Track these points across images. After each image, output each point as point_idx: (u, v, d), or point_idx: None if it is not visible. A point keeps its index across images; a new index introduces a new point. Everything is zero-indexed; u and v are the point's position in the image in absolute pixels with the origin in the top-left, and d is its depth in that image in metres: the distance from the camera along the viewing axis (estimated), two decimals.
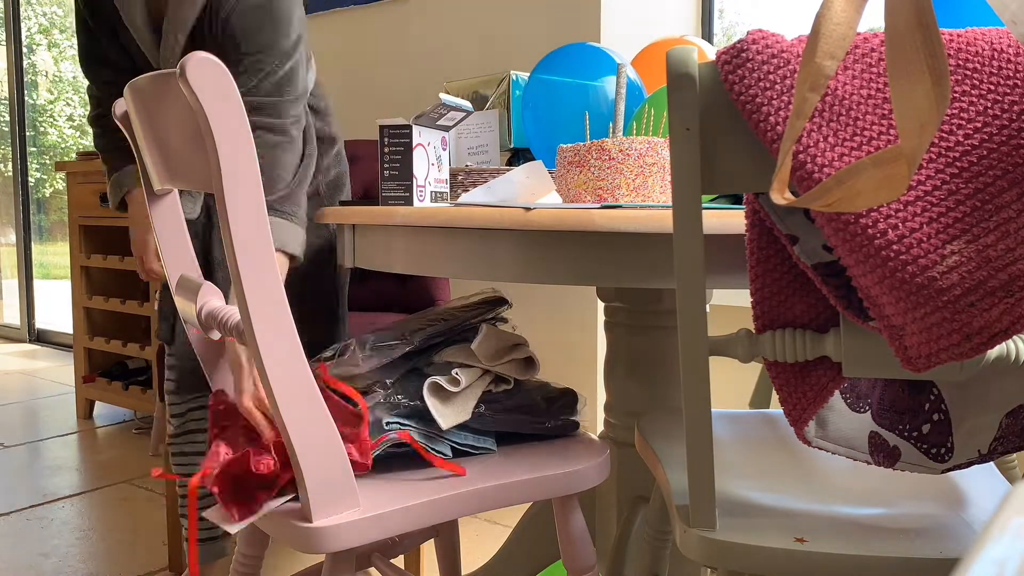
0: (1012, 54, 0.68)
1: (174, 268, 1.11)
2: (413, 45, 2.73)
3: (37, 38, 6.24)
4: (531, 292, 2.50)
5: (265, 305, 0.83)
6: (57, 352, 4.62)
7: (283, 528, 0.90)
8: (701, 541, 0.79)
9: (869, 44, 0.70)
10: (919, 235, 0.65)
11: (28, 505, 2.30)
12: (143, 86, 0.96)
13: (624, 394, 1.41)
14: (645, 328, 1.38)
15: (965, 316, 0.65)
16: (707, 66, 0.72)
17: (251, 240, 0.81)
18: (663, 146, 1.15)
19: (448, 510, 0.95)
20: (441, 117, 1.28)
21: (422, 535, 1.42)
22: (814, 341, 0.78)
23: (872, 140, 0.68)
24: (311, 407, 0.87)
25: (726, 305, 2.20)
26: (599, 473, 1.06)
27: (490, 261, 1.06)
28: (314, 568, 1.30)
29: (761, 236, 0.79)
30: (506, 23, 2.49)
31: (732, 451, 1.04)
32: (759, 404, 1.59)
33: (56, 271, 6.20)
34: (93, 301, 3.14)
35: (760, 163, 0.72)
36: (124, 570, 1.90)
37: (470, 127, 1.62)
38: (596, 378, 2.39)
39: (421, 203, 1.26)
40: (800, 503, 0.87)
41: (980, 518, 0.84)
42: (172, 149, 0.95)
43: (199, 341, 1.14)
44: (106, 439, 2.96)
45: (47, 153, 6.31)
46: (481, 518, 2.21)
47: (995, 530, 0.28)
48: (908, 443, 0.85)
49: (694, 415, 0.77)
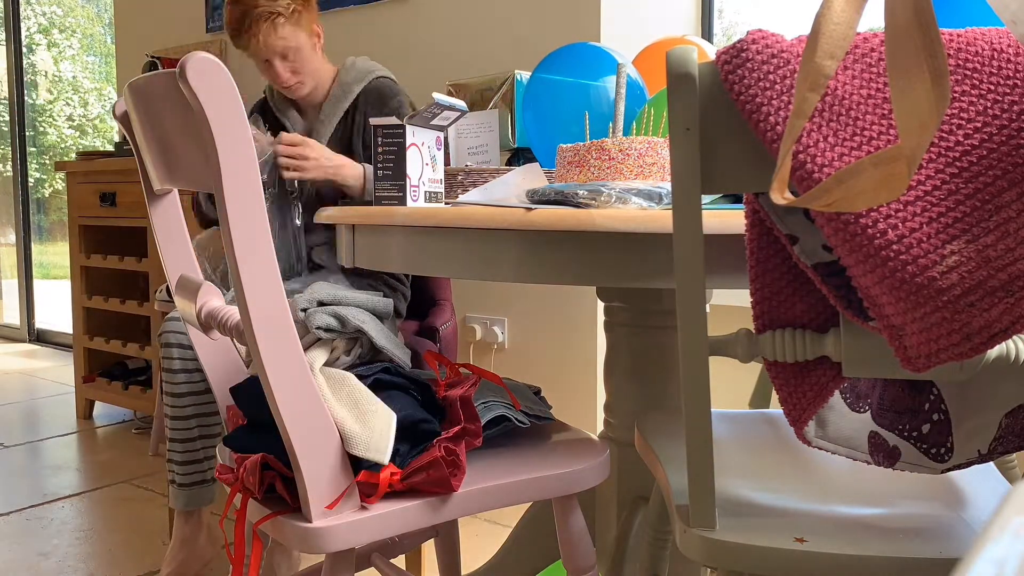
0: (1012, 54, 0.68)
1: (174, 268, 1.11)
2: (413, 45, 2.73)
3: (37, 38, 6.24)
4: (531, 292, 2.50)
5: (265, 305, 0.83)
6: (57, 352, 4.62)
7: (283, 528, 0.90)
8: (701, 541, 0.79)
9: (869, 44, 0.70)
10: (919, 235, 0.65)
11: (28, 505, 2.30)
12: (143, 86, 0.95)
13: (624, 394, 1.41)
14: (645, 328, 1.38)
15: (965, 316, 0.65)
16: (707, 66, 0.72)
17: (251, 240, 0.81)
18: (663, 146, 1.15)
19: (448, 510, 0.95)
20: (435, 117, 1.27)
21: (422, 535, 1.42)
22: (814, 341, 0.78)
23: (872, 140, 0.68)
24: (311, 407, 0.87)
25: (726, 305, 2.20)
26: (599, 473, 1.06)
27: (490, 261, 1.06)
28: (314, 568, 1.30)
29: (761, 236, 0.79)
30: (506, 23, 2.49)
31: (732, 451, 1.04)
32: (759, 404, 1.59)
33: (56, 271, 6.20)
34: (93, 301, 3.14)
35: (760, 163, 0.72)
36: (124, 570, 1.90)
37: (470, 127, 1.61)
38: (596, 378, 2.39)
39: (415, 203, 1.26)
40: (800, 503, 0.87)
41: (980, 518, 0.84)
42: (172, 149, 0.95)
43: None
44: (106, 439, 2.96)
45: (47, 153, 6.30)
46: (481, 518, 2.21)
47: (995, 530, 0.28)
48: (908, 443, 0.85)
49: (694, 415, 0.77)
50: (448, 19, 2.63)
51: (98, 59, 6.73)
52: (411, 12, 2.73)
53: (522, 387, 1.18)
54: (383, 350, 1.38)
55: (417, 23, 2.72)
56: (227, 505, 0.96)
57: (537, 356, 2.50)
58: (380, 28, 2.81)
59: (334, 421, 0.90)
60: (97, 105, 6.67)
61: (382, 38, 2.81)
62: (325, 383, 0.96)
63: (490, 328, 2.57)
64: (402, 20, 2.76)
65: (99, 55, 6.71)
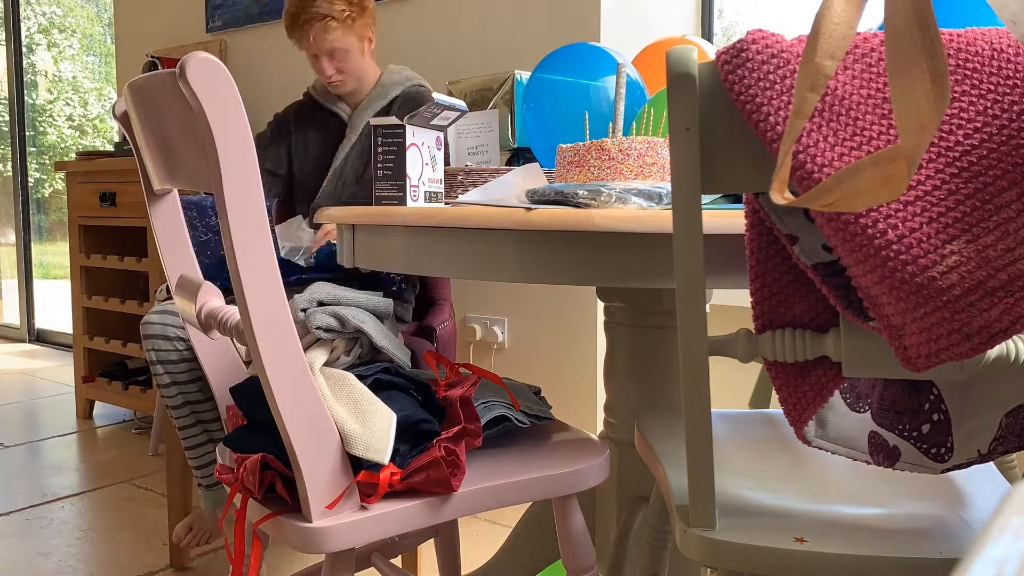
0: (1012, 54, 0.68)
1: (174, 268, 1.11)
2: (413, 45, 2.73)
3: (37, 38, 6.24)
4: (531, 292, 2.50)
5: (265, 305, 0.83)
6: (57, 352, 4.62)
7: (283, 528, 0.90)
8: (701, 541, 0.79)
9: (869, 44, 0.70)
10: (919, 235, 0.65)
11: (28, 505, 2.30)
12: (143, 86, 0.95)
13: (624, 394, 1.41)
14: (645, 328, 1.38)
15: (965, 316, 0.65)
16: (707, 66, 0.72)
17: (251, 240, 0.81)
18: (663, 146, 1.15)
19: (448, 510, 0.95)
20: (435, 117, 1.27)
21: (422, 535, 1.42)
22: (814, 341, 0.78)
23: (872, 140, 0.68)
24: (311, 407, 0.87)
25: (726, 305, 2.20)
26: (599, 473, 1.06)
27: (490, 261, 1.06)
28: (314, 568, 1.30)
29: (761, 236, 0.79)
30: (506, 23, 2.49)
31: (732, 451, 1.04)
32: (759, 404, 1.59)
33: (56, 271, 6.20)
34: (93, 301, 3.14)
35: (760, 163, 0.72)
36: (124, 570, 1.90)
37: (470, 127, 1.61)
38: (596, 378, 2.39)
39: (415, 203, 1.26)
40: (800, 503, 0.87)
41: (980, 518, 0.84)
42: (172, 149, 0.95)
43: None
44: (106, 439, 2.96)
45: (47, 153, 6.30)
46: (481, 518, 2.21)
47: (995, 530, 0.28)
48: (908, 443, 0.85)
49: (694, 415, 0.77)
50: (448, 19, 2.63)
51: (98, 59, 6.73)
52: (411, 12, 2.73)
53: (522, 387, 1.18)
54: (383, 350, 1.38)
55: (417, 23, 2.72)
56: (227, 505, 0.96)
57: (537, 356, 2.50)
58: (380, 28, 2.81)
59: (334, 421, 0.90)
60: (97, 105, 6.67)
61: (382, 38, 2.81)
62: (325, 383, 0.96)
63: (490, 328, 2.57)
64: (402, 20, 2.76)
65: (99, 55, 6.71)
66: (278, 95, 3.09)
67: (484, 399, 1.07)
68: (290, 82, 3.06)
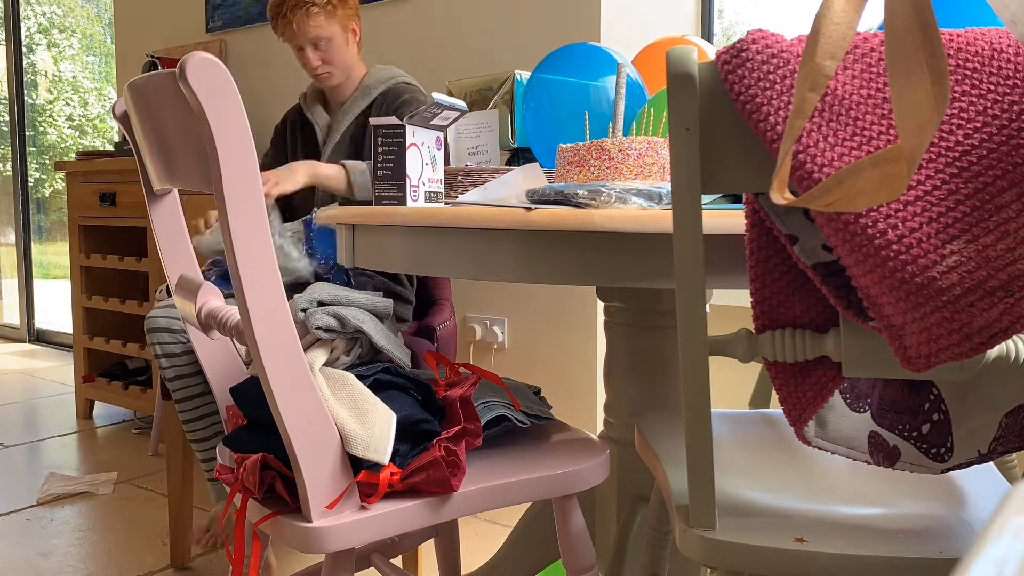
0: (1012, 54, 0.68)
1: (174, 268, 1.11)
2: (413, 45, 2.73)
3: (37, 38, 6.24)
4: (531, 292, 2.50)
5: (265, 305, 0.83)
6: (57, 352, 4.62)
7: (283, 528, 0.90)
8: (701, 541, 0.79)
9: (869, 44, 0.70)
10: (919, 235, 0.65)
11: (28, 505, 2.30)
12: (143, 86, 0.95)
13: (624, 394, 1.41)
14: (645, 328, 1.38)
15: (965, 316, 0.65)
16: (707, 66, 0.72)
17: (251, 240, 0.81)
18: (663, 146, 1.15)
19: (448, 510, 0.95)
20: (435, 116, 1.27)
21: (422, 535, 1.42)
22: (814, 341, 0.78)
23: (872, 140, 0.68)
24: (311, 407, 0.87)
25: (726, 305, 2.20)
26: (599, 473, 1.06)
27: (490, 261, 1.06)
28: (314, 568, 1.30)
29: (761, 236, 0.79)
30: (506, 23, 2.49)
31: (732, 451, 1.04)
32: (759, 404, 1.59)
33: (56, 271, 6.20)
34: (93, 301, 3.14)
35: (760, 163, 0.72)
36: (124, 570, 1.90)
37: (470, 127, 1.61)
38: (596, 378, 2.39)
39: (415, 203, 1.26)
40: (800, 503, 0.87)
41: (980, 518, 0.84)
42: (172, 149, 0.95)
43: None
44: (106, 439, 2.96)
45: (46, 153, 6.30)
46: (481, 518, 2.21)
47: (995, 530, 0.28)
48: (908, 443, 0.85)
49: (694, 415, 0.77)
50: (448, 19, 2.63)
51: (98, 59, 6.73)
52: (411, 12, 2.73)
53: (522, 387, 1.18)
54: (383, 350, 1.38)
55: (417, 23, 2.72)
56: (227, 505, 0.96)
57: (537, 356, 2.50)
58: (380, 28, 2.81)
59: (334, 421, 0.90)
60: (97, 105, 6.67)
61: (382, 38, 2.81)
62: (325, 383, 0.96)
63: (490, 328, 2.57)
64: (402, 20, 2.76)
65: (99, 55, 6.71)
66: (278, 95, 3.09)
67: (484, 399, 1.07)
68: (290, 82, 3.06)
